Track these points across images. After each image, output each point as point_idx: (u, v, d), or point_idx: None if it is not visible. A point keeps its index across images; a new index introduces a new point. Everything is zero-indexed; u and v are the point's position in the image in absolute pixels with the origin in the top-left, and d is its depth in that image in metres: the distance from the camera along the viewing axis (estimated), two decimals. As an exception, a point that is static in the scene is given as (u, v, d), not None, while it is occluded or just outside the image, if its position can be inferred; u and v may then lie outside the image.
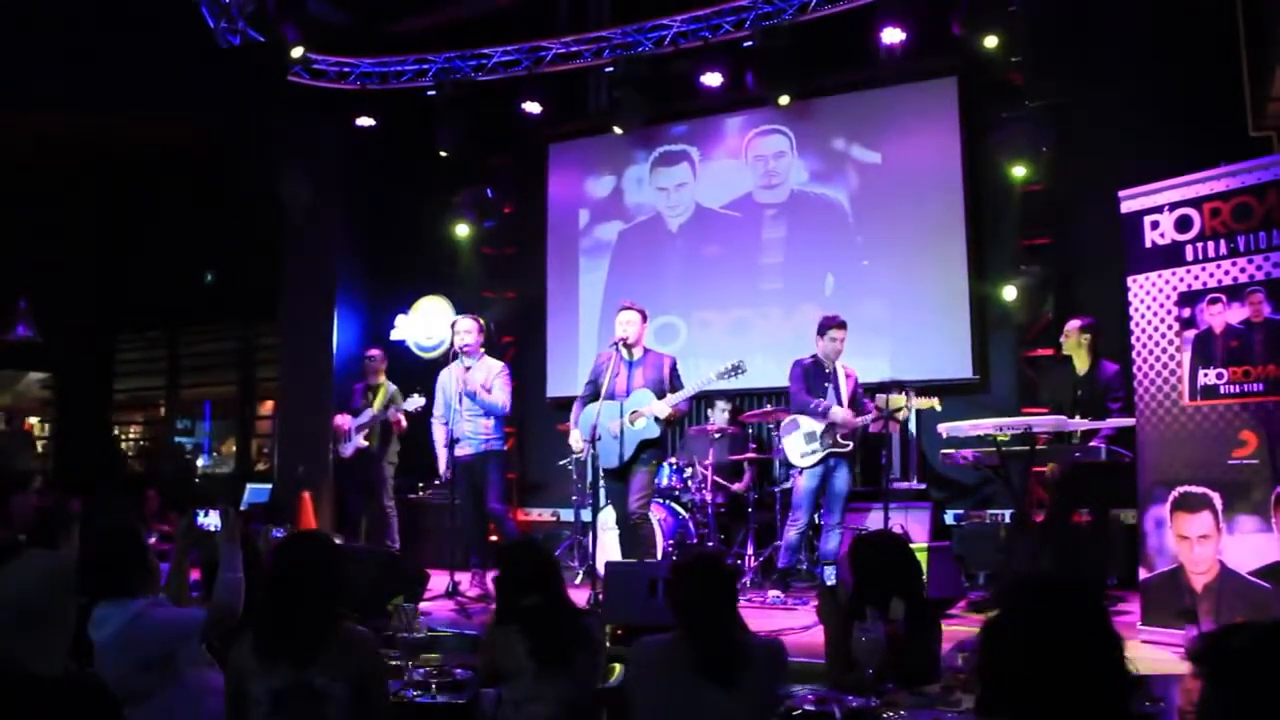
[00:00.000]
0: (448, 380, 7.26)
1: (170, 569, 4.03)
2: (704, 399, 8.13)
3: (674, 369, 6.67)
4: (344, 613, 3.21)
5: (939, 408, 7.21)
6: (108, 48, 8.84)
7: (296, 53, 8.89)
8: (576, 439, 6.78)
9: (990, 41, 7.64)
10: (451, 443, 7.06)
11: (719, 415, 8.27)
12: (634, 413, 6.50)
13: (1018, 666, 2.05)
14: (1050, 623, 2.07)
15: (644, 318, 6.79)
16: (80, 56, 8.92)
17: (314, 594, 3.11)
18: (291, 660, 3.01)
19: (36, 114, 9.83)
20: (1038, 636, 2.06)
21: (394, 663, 3.81)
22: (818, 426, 6.85)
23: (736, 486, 8.05)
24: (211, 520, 3.90)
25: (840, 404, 6.88)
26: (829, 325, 6.99)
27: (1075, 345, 6.73)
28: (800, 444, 6.93)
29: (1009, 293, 8.03)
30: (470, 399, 7.07)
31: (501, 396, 7.15)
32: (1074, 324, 6.77)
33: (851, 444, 6.88)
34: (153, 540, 4.43)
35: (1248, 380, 5.03)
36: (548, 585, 3.55)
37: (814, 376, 7.00)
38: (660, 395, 6.49)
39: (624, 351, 6.67)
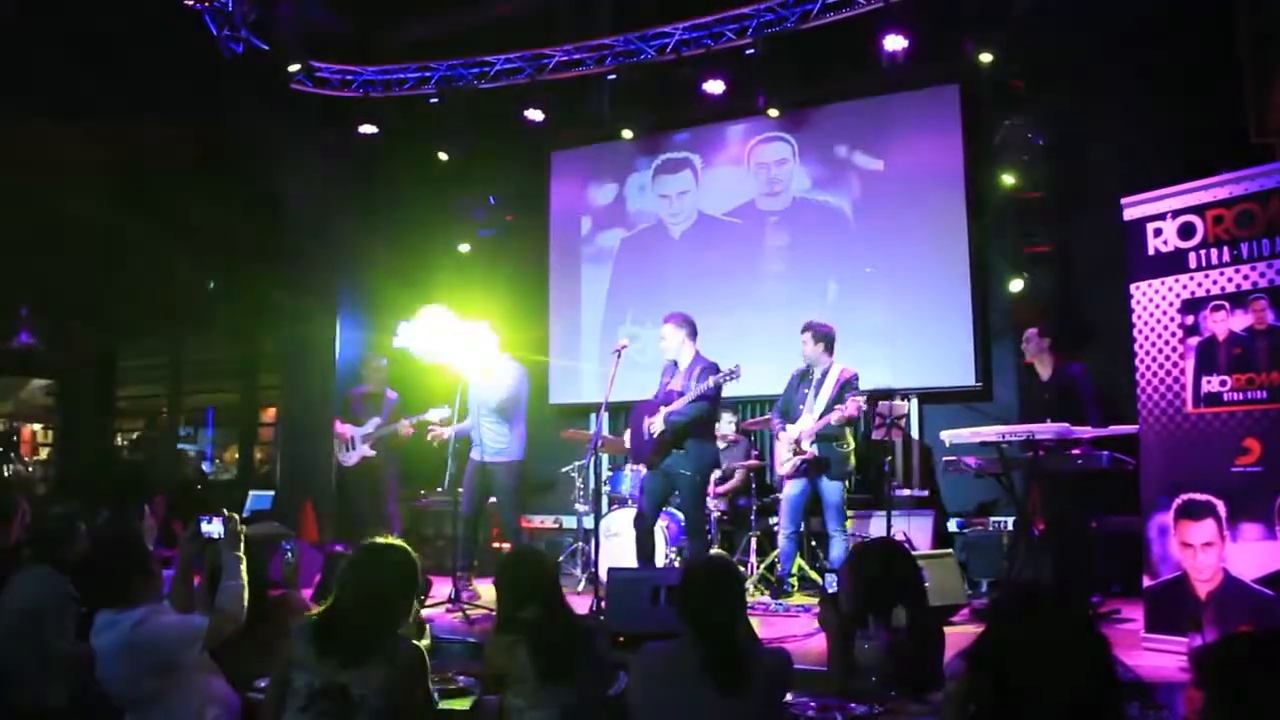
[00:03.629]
0: (467, 387, 7.28)
1: (175, 577, 4.03)
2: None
3: (700, 376, 6.60)
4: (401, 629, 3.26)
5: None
6: (110, 55, 8.85)
7: (294, 66, 8.90)
8: None
9: (992, 50, 7.64)
10: (466, 447, 7.17)
11: (725, 425, 8.23)
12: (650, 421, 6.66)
13: (1005, 675, 2.07)
14: (1036, 632, 2.09)
15: (676, 326, 6.79)
16: (82, 64, 8.93)
17: (380, 606, 3.17)
18: (340, 661, 3.06)
19: (39, 121, 9.83)
20: (1025, 646, 2.07)
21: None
22: (789, 437, 7.05)
23: (721, 489, 7.97)
24: (214, 528, 3.91)
25: (812, 408, 6.98)
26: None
27: (1036, 352, 6.89)
28: (782, 453, 7.16)
29: (1011, 300, 8.03)
30: (490, 416, 7.10)
31: (509, 402, 7.17)
32: (1032, 332, 6.95)
33: (811, 451, 6.91)
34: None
35: (1251, 388, 5.02)
36: (546, 596, 3.56)
37: (795, 385, 7.22)
38: None
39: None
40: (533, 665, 3.30)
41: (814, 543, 7.63)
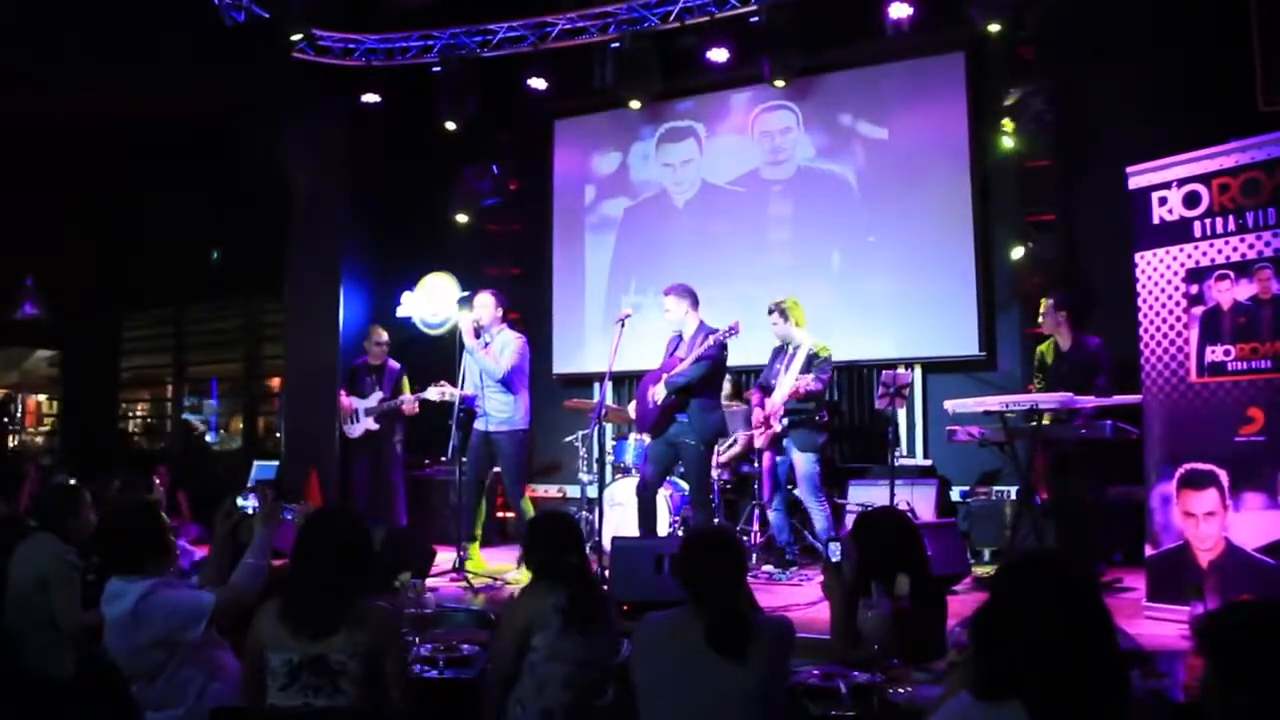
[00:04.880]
0: (469, 360, 7.30)
1: (209, 553, 4.05)
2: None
3: (703, 342, 6.64)
4: (367, 589, 3.27)
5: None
6: (110, 25, 8.79)
7: (296, 35, 8.84)
8: None
9: (998, 18, 7.57)
10: (471, 416, 7.20)
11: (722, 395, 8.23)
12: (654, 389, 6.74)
13: (1014, 645, 2.07)
14: (1040, 598, 2.09)
15: (678, 297, 6.82)
16: (82, 34, 8.87)
17: (340, 571, 3.17)
18: (312, 633, 3.07)
19: (40, 92, 9.79)
20: (1030, 613, 2.08)
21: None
22: (759, 413, 7.27)
23: (725, 457, 7.99)
24: (250, 503, 3.93)
25: (782, 384, 7.10)
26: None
27: (1054, 325, 6.88)
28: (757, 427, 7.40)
29: (1016, 269, 8.00)
30: (486, 374, 7.10)
31: (504, 361, 7.18)
32: (1049, 302, 6.90)
33: (771, 426, 7.12)
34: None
35: (1255, 357, 5.02)
36: (580, 550, 3.68)
37: (771, 361, 7.40)
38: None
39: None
40: (563, 612, 3.41)
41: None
